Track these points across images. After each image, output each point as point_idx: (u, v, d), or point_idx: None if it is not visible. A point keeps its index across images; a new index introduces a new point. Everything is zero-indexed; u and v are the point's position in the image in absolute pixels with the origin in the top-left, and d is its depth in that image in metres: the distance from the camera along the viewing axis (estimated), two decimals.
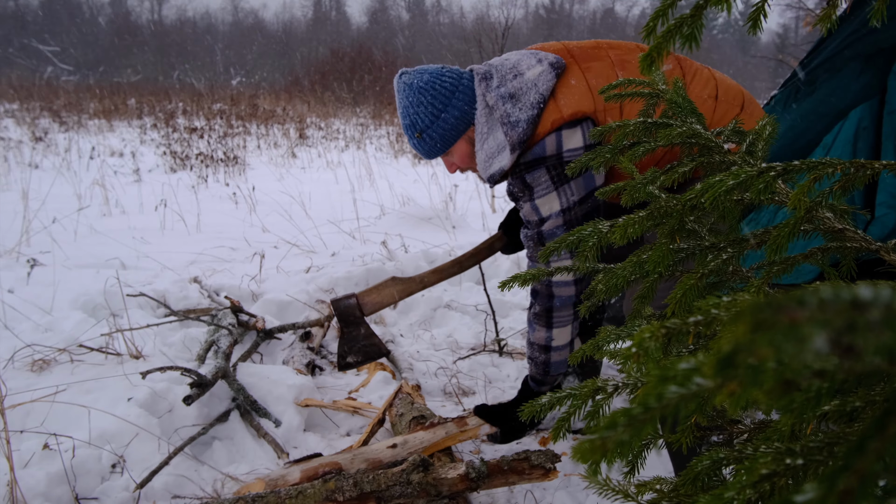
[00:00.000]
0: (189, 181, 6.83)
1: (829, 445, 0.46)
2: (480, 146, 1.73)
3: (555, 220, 1.69)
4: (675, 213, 0.87)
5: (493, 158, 1.70)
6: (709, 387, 0.23)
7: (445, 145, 1.78)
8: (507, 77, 1.68)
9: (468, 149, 1.80)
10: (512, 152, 1.65)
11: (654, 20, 0.71)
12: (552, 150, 1.64)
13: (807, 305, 0.20)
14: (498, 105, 1.66)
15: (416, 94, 1.73)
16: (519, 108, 1.64)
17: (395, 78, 1.80)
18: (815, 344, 0.19)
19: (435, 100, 1.72)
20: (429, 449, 1.76)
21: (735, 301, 0.56)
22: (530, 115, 1.63)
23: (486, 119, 1.71)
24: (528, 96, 1.64)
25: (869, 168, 0.81)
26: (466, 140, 1.78)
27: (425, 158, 1.88)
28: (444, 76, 1.74)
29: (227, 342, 2.35)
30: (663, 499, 0.82)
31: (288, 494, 1.49)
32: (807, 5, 9.15)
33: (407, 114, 1.76)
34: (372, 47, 21.44)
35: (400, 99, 1.77)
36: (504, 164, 1.67)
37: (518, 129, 1.63)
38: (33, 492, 1.59)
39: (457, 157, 1.82)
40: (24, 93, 15.17)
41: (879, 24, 0.79)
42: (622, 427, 0.24)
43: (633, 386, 0.77)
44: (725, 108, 1.73)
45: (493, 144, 1.69)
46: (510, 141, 1.64)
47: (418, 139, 1.78)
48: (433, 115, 1.73)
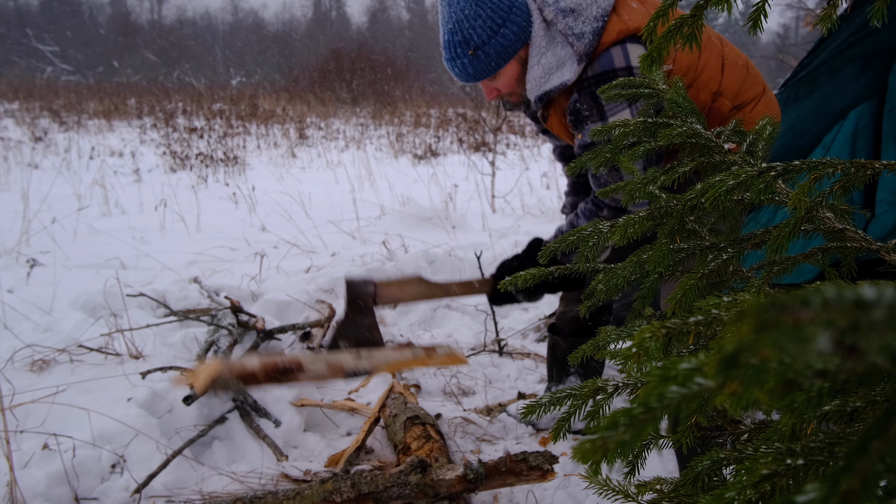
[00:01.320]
0: (189, 181, 6.83)
1: (829, 445, 0.46)
2: (537, 62, 1.64)
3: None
4: (675, 213, 0.87)
5: (552, 74, 1.62)
6: (710, 387, 0.23)
7: (500, 64, 1.66)
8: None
9: (517, 71, 1.70)
10: (579, 63, 1.58)
11: (654, 20, 0.71)
12: (620, 62, 1.58)
13: (810, 305, 0.20)
14: (558, 19, 1.59)
15: (474, 6, 1.58)
16: (582, 21, 1.58)
17: None
18: (818, 344, 0.19)
19: (494, 13, 1.59)
20: (392, 366, 1.68)
21: (736, 301, 0.56)
22: (595, 26, 1.57)
23: (544, 34, 1.63)
24: (589, 10, 1.59)
25: (869, 168, 0.81)
26: (517, 60, 1.69)
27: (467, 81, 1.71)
28: None
29: (227, 342, 2.35)
30: (663, 499, 0.82)
31: (286, 495, 1.48)
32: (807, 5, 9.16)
33: (460, 28, 1.60)
34: (372, 47, 21.44)
35: (451, 11, 1.61)
36: (567, 77, 1.60)
37: (584, 41, 1.57)
38: (33, 492, 1.59)
39: (504, 79, 1.71)
40: (24, 93, 15.17)
41: (880, 24, 0.78)
42: (623, 427, 0.24)
43: (633, 386, 0.77)
44: (752, 81, 1.73)
45: (551, 60, 1.62)
46: (577, 52, 1.57)
47: (471, 57, 1.63)
48: (492, 29, 1.60)
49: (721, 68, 1.70)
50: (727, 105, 1.72)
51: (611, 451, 0.24)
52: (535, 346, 2.86)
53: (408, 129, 11.47)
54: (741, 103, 1.73)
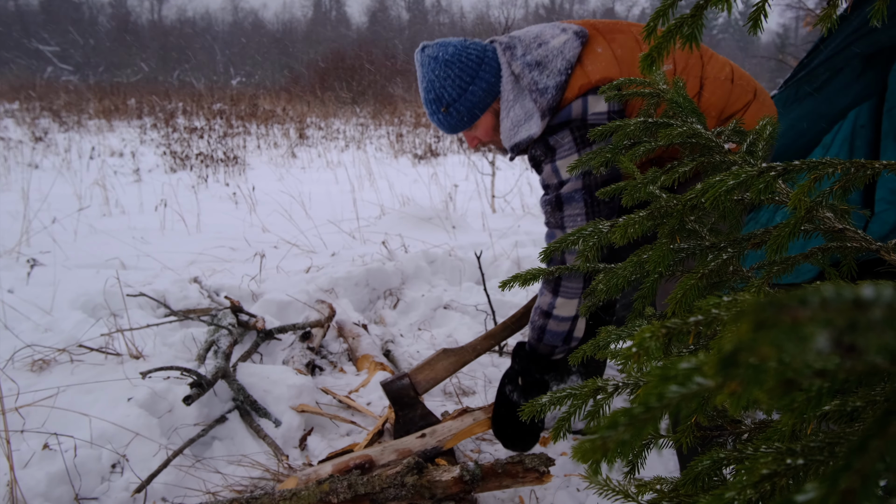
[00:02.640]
0: (189, 181, 6.83)
1: (829, 445, 0.46)
2: (506, 115, 1.70)
3: (574, 184, 1.67)
4: (675, 212, 0.87)
5: (520, 126, 1.68)
6: (710, 386, 0.23)
7: (472, 119, 1.75)
8: (531, 46, 1.67)
9: (493, 121, 1.78)
10: (542, 119, 1.63)
11: (654, 20, 0.71)
12: (577, 113, 1.63)
13: (809, 305, 0.20)
14: (524, 73, 1.64)
15: (443, 67, 1.69)
16: (546, 75, 1.62)
17: (417, 52, 1.76)
18: (817, 343, 0.19)
19: (462, 72, 1.69)
20: (458, 437, 1.74)
21: (736, 301, 0.56)
22: (558, 80, 1.61)
23: (511, 87, 1.68)
24: (554, 63, 1.62)
25: (869, 168, 0.81)
26: (492, 112, 1.76)
27: (447, 133, 1.85)
28: (469, 48, 1.71)
29: (227, 342, 2.35)
30: (663, 499, 0.82)
31: (282, 496, 1.48)
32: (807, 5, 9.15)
33: (432, 87, 1.72)
34: (372, 47, 21.44)
35: (424, 73, 1.73)
36: (533, 131, 1.65)
37: (547, 96, 1.61)
38: (33, 492, 1.59)
39: (481, 130, 1.80)
40: (24, 93, 15.16)
41: (880, 23, 0.78)
42: (623, 427, 0.24)
43: (633, 386, 0.77)
44: (740, 91, 1.74)
45: (519, 112, 1.68)
46: (539, 108, 1.62)
47: (444, 113, 1.74)
48: (461, 87, 1.70)
49: (699, 90, 1.70)
50: (712, 123, 1.73)
51: (611, 451, 0.24)
52: None
53: (408, 129, 11.47)
54: (728, 116, 1.74)
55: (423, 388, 1.87)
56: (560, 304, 1.73)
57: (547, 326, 1.76)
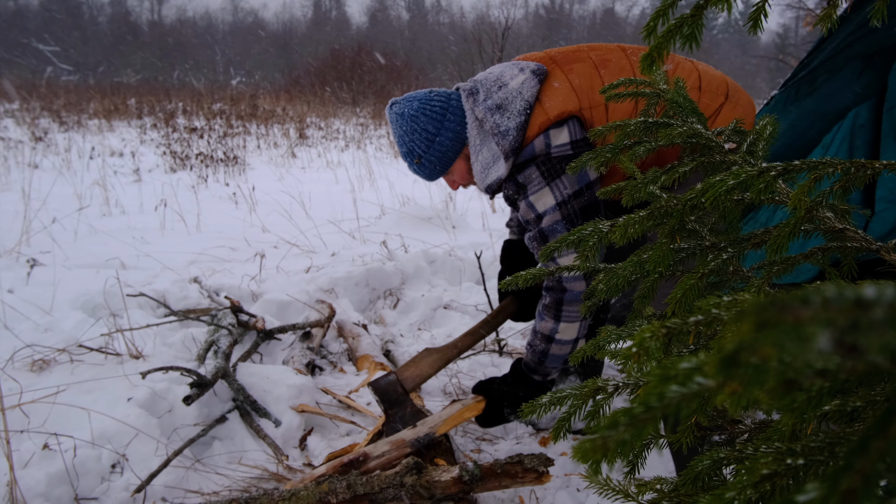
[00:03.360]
0: (189, 181, 6.83)
1: (829, 445, 0.46)
2: (476, 159, 1.78)
3: (552, 216, 1.71)
4: (675, 212, 0.87)
5: (489, 169, 1.76)
6: (710, 386, 0.23)
7: (444, 167, 1.84)
8: (492, 90, 1.74)
9: (466, 166, 1.85)
10: (506, 160, 1.70)
11: (654, 20, 0.71)
12: (540, 149, 1.68)
13: (811, 304, 0.20)
14: (487, 117, 1.71)
15: (409, 122, 1.79)
16: (507, 118, 1.69)
17: (387, 109, 1.85)
18: (818, 343, 0.19)
19: (428, 125, 1.78)
20: (448, 422, 1.76)
21: (736, 300, 0.56)
22: (518, 121, 1.68)
23: (477, 132, 1.76)
24: (514, 105, 1.69)
25: (869, 167, 0.81)
26: (464, 158, 1.84)
27: (427, 181, 1.93)
28: (433, 100, 1.79)
29: (227, 342, 2.35)
30: (664, 499, 0.82)
31: (281, 496, 1.48)
32: (807, 5, 9.15)
33: (403, 142, 1.82)
34: (372, 47, 21.44)
35: (394, 129, 1.83)
36: (500, 173, 1.73)
37: (508, 138, 1.68)
38: (33, 492, 1.59)
39: (457, 175, 1.89)
40: (24, 93, 15.16)
41: (880, 23, 0.78)
42: (623, 426, 0.24)
43: (633, 386, 0.77)
44: (709, 98, 1.75)
45: (487, 156, 1.75)
46: (503, 150, 1.69)
47: (418, 165, 1.83)
48: (428, 140, 1.79)
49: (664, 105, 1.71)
50: None
51: (611, 451, 0.24)
52: None
53: None
54: None
55: (409, 384, 1.91)
56: (563, 328, 1.76)
57: (549, 351, 1.80)
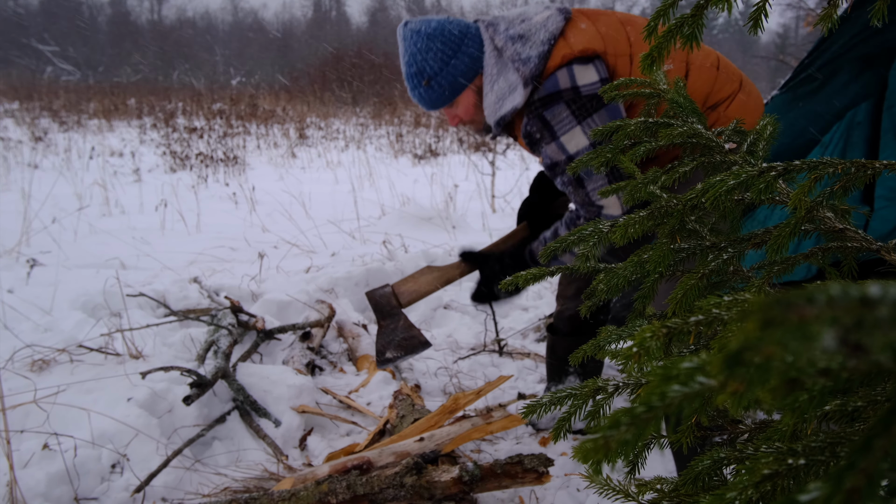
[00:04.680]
0: (189, 181, 6.83)
1: (830, 445, 0.46)
2: (490, 88, 1.70)
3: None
4: (675, 212, 0.87)
5: (504, 99, 1.68)
6: (712, 386, 0.23)
7: (454, 93, 1.74)
8: (514, 22, 1.68)
9: (474, 99, 1.77)
10: (525, 87, 1.63)
11: (654, 20, 0.71)
12: (566, 83, 1.61)
13: (816, 303, 0.20)
14: (507, 46, 1.65)
15: (425, 40, 1.68)
16: (529, 46, 1.62)
17: (399, 27, 1.75)
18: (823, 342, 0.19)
19: (445, 45, 1.69)
20: (455, 441, 1.75)
21: (736, 300, 0.56)
22: (541, 50, 1.61)
23: (495, 61, 1.68)
24: (537, 35, 1.63)
25: (870, 167, 0.81)
26: (473, 90, 1.76)
27: (427, 109, 1.82)
28: (452, 23, 1.71)
29: (227, 342, 2.35)
30: (664, 498, 0.82)
31: (281, 497, 1.48)
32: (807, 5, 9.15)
33: (414, 61, 1.71)
34: (372, 47, 21.42)
35: (406, 46, 1.72)
36: (517, 102, 1.65)
37: (530, 65, 1.61)
38: (33, 492, 1.59)
39: (462, 108, 1.79)
40: (24, 93, 15.16)
41: (880, 24, 0.78)
42: (625, 426, 0.24)
43: (633, 386, 0.77)
44: (725, 79, 1.73)
45: (503, 85, 1.67)
46: (522, 76, 1.62)
47: (426, 87, 1.73)
48: (443, 60, 1.69)
49: (685, 74, 1.69)
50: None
51: (613, 451, 0.24)
52: (534, 346, 2.86)
53: (408, 129, 11.46)
54: (714, 104, 1.72)
55: (405, 298, 1.86)
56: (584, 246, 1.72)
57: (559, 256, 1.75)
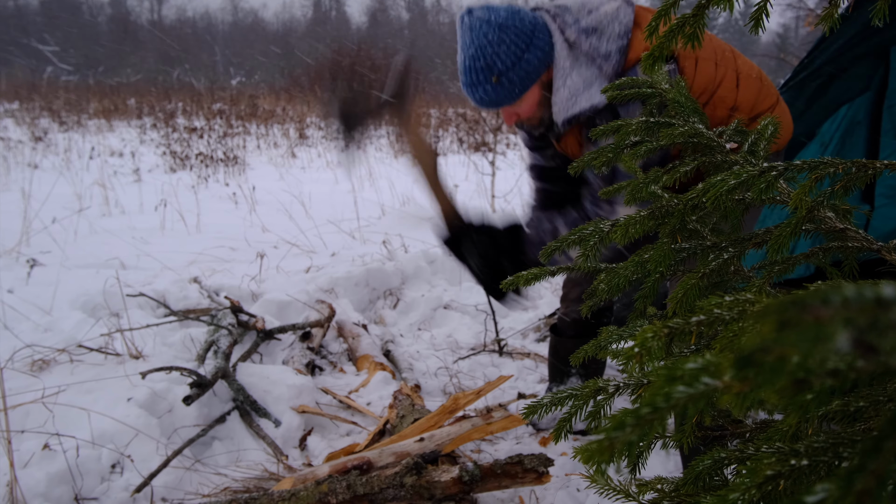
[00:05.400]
0: (189, 181, 6.82)
1: (833, 446, 0.46)
2: (562, 83, 1.60)
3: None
4: (676, 212, 0.87)
5: (579, 96, 1.59)
6: (717, 387, 0.23)
7: (524, 89, 1.63)
8: (581, 13, 1.60)
9: (539, 95, 1.67)
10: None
11: (656, 19, 0.71)
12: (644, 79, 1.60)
13: (831, 304, 0.19)
14: (581, 40, 1.57)
15: (497, 32, 1.55)
16: (606, 41, 1.56)
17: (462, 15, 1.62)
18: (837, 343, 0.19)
19: (518, 38, 1.57)
20: (455, 441, 1.74)
21: (738, 300, 0.55)
22: (620, 44, 1.55)
23: (567, 55, 1.59)
24: (612, 28, 1.56)
25: (871, 168, 0.81)
26: (539, 85, 1.65)
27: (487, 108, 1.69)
28: (522, 12, 1.60)
29: (227, 342, 2.35)
30: (664, 498, 0.82)
31: (281, 496, 1.48)
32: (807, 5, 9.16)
33: (483, 54, 1.57)
34: (372, 47, 21.41)
35: (473, 37, 1.58)
36: (597, 100, 1.56)
37: (612, 61, 1.55)
38: (33, 492, 1.59)
39: (526, 105, 1.68)
40: (24, 93, 15.16)
41: (881, 23, 0.78)
42: (630, 427, 0.24)
43: (635, 386, 0.77)
44: (767, 92, 1.72)
45: (577, 81, 1.59)
46: (605, 73, 1.55)
47: (494, 84, 1.60)
48: (516, 55, 1.57)
49: (736, 83, 1.67)
50: (743, 119, 1.72)
51: (618, 452, 0.24)
52: (534, 345, 2.86)
53: None
54: (757, 115, 1.72)
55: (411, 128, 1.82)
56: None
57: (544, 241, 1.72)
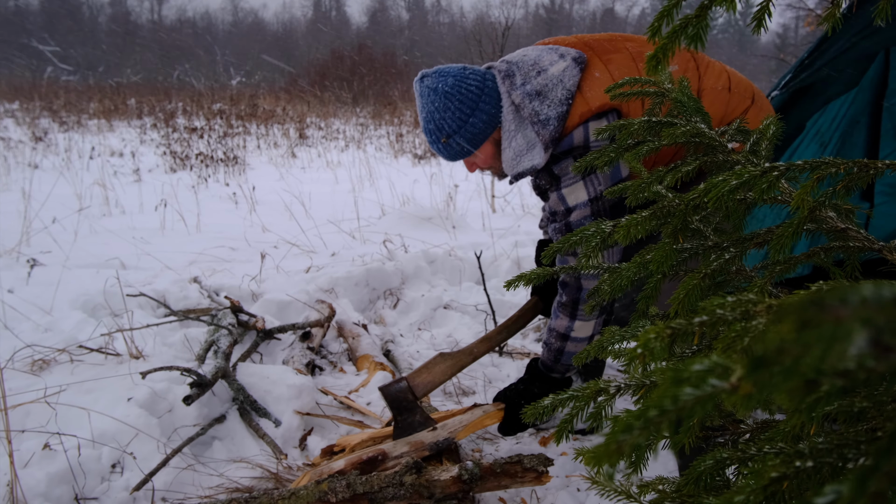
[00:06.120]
0: (189, 181, 6.82)
1: (838, 447, 0.45)
2: (508, 144, 1.70)
3: (582, 211, 1.68)
4: (678, 212, 0.87)
5: (522, 157, 1.68)
6: (724, 388, 0.23)
7: (473, 148, 1.75)
8: (530, 74, 1.67)
9: (493, 150, 1.78)
10: (545, 150, 1.64)
11: (658, 20, 0.71)
12: (579, 141, 1.64)
13: (849, 304, 0.19)
14: (525, 103, 1.64)
15: (443, 99, 1.68)
16: (547, 105, 1.62)
17: (416, 81, 1.75)
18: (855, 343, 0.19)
19: (462, 104, 1.69)
20: (468, 428, 1.76)
21: (740, 301, 0.55)
22: (560, 111, 1.62)
23: (513, 117, 1.68)
24: (555, 93, 1.63)
25: (872, 167, 0.81)
26: (491, 141, 1.77)
27: (448, 161, 1.85)
28: (469, 78, 1.70)
29: (227, 342, 2.34)
30: (665, 499, 0.82)
31: (281, 496, 1.48)
32: (807, 5, 9.15)
33: (432, 119, 1.72)
34: (372, 47, 21.42)
35: (424, 103, 1.72)
36: (536, 161, 1.66)
37: (549, 128, 1.62)
38: (34, 491, 1.59)
39: (480, 158, 1.80)
40: (25, 93, 15.15)
41: (884, 22, 0.78)
42: (638, 430, 0.24)
43: (636, 387, 0.77)
44: (738, 99, 1.74)
45: (521, 142, 1.68)
46: (542, 140, 1.63)
47: (444, 144, 1.74)
48: (461, 119, 1.70)
49: None
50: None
51: (626, 455, 0.24)
52: (534, 346, 2.86)
53: (408, 129, 11.46)
54: (728, 124, 1.74)
55: (420, 391, 1.87)
56: (578, 326, 1.76)
57: (565, 349, 1.80)
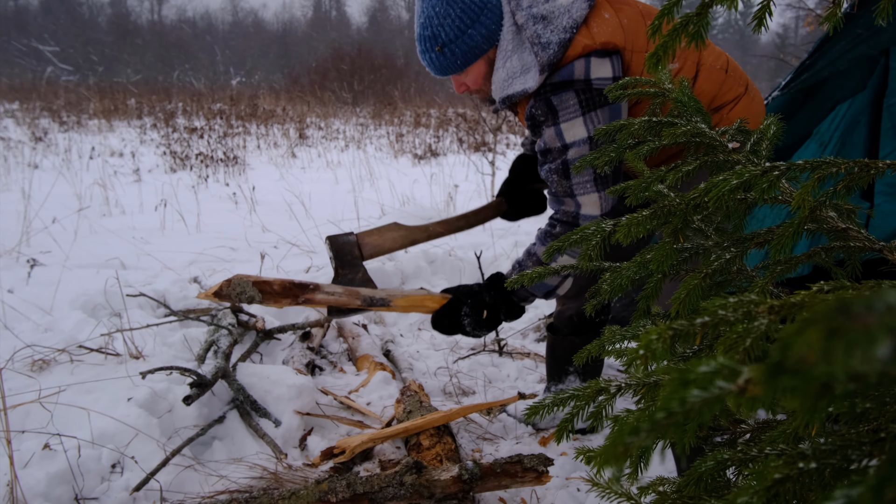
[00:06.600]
0: (189, 181, 6.82)
1: (841, 448, 0.45)
2: (501, 65, 1.66)
3: (579, 149, 1.63)
4: (679, 212, 0.86)
5: (515, 79, 1.64)
6: (731, 390, 0.23)
7: (466, 63, 1.70)
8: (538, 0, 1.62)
9: (485, 70, 1.73)
10: (541, 73, 1.59)
11: (659, 18, 0.71)
12: (580, 74, 1.59)
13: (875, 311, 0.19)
14: (528, 25, 1.60)
15: (444, 5, 1.62)
16: (550, 31, 1.58)
17: None
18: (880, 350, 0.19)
19: (464, 13, 1.62)
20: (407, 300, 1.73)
21: (742, 301, 0.55)
22: (562, 38, 1.57)
23: (512, 37, 1.64)
24: (560, 20, 1.58)
25: (873, 167, 0.81)
26: (485, 60, 1.71)
27: (435, 74, 1.76)
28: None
29: (227, 342, 2.34)
30: (666, 500, 0.82)
31: (281, 496, 1.48)
32: (807, 5, 9.16)
33: (430, 24, 1.65)
34: (372, 47, 21.42)
35: (424, 7, 1.65)
36: (529, 85, 1.61)
37: (549, 51, 1.57)
38: (33, 492, 1.59)
39: (471, 77, 1.74)
40: (24, 93, 15.15)
41: (885, 22, 0.78)
42: (646, 433, 0.24)
43: (636, 387, 0.77)
44: (732, 83, 1.73)
45: (516, 64, 1.63)
46: (540, 62, 1.58)
47: (438, 53, 1.67)
48: (460, 29, 1.63)
49: (695, 74, 1.68)
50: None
51: (634, 457, 0.24)
52: (534, 345, 2.86)
53: (408, 129, 11.47)
54: (718, 106, 1.73)
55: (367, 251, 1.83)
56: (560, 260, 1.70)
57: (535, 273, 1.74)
